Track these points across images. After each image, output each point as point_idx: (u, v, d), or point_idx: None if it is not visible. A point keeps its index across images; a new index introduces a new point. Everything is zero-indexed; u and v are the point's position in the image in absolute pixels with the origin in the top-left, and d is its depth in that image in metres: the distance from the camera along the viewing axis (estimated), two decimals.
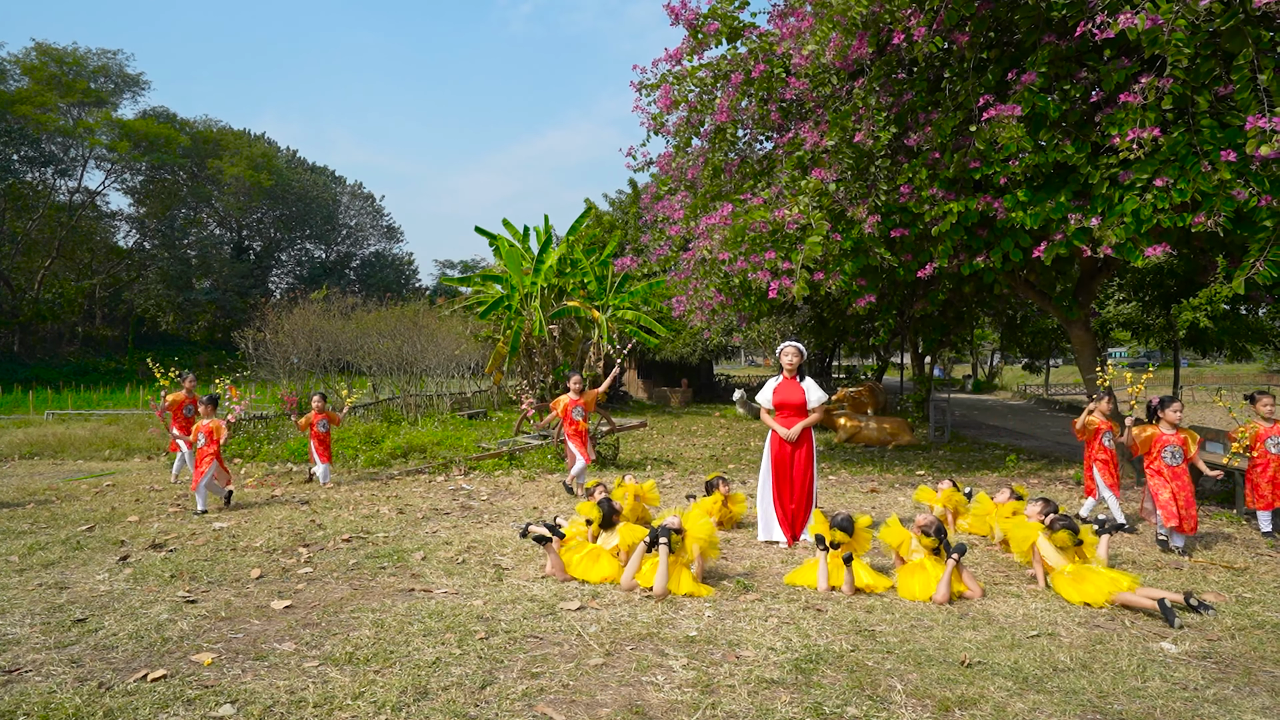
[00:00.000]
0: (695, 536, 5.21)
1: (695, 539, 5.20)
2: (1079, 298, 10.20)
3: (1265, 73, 6.18)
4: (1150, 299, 19.44)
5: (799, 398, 6.57)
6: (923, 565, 5.01)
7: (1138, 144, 6.50)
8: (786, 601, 4.79)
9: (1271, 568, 5.63)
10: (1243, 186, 6.48)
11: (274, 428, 13.03)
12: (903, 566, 5.14)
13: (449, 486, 9.39)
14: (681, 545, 5.14)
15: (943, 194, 8.52)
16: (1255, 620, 4.43)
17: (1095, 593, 4.72)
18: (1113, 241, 7.22)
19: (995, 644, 4.07)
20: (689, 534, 5.22)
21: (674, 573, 5.00)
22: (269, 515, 7.44)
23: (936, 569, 4.92)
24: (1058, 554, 5.09)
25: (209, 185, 48.65)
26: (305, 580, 5.22)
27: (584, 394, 8.92)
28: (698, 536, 5.22)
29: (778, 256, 8.96)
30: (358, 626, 4.29)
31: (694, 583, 5.02)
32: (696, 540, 5.21)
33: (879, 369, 25.22)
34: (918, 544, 5.13)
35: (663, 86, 10.41)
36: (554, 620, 4.45)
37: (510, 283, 21.16)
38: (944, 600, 4.76)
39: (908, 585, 4.93)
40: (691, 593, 4.92)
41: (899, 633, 4.24)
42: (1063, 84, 7.69)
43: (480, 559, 5.84)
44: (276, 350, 18.50)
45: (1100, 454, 6.93)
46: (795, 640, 4.11)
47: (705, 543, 5.24)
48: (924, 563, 5.02)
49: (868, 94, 8.64)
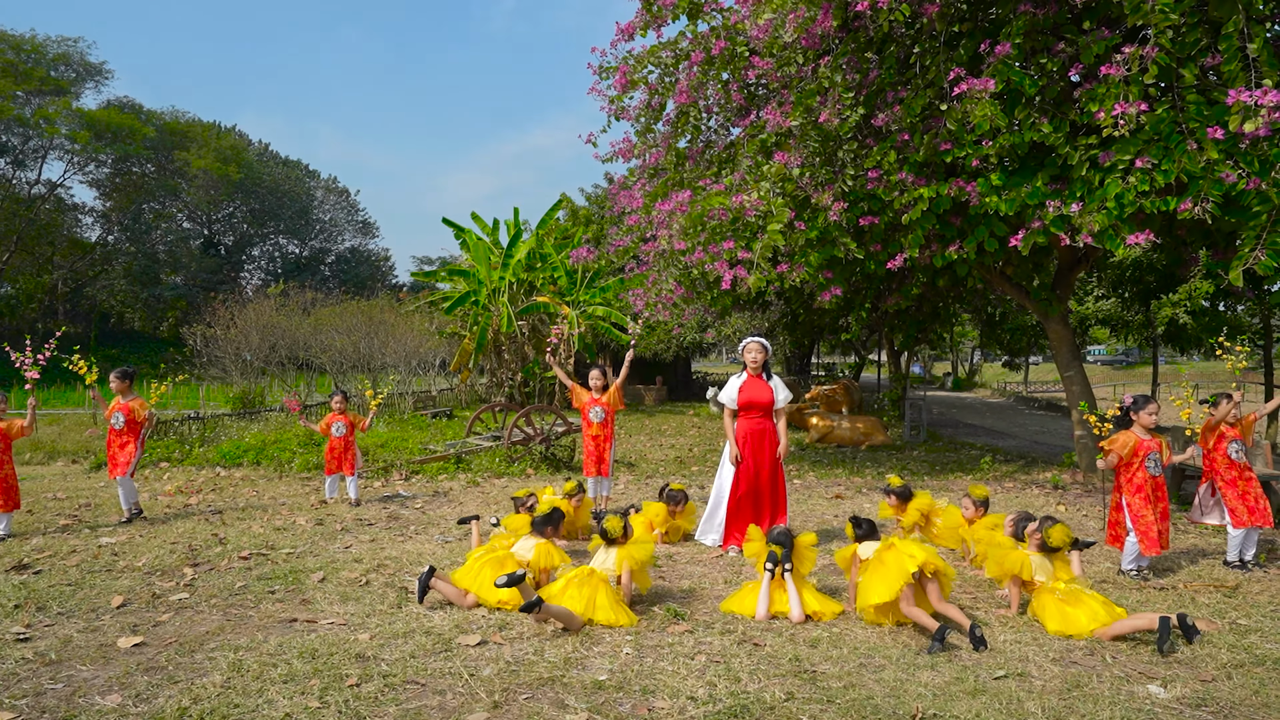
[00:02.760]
0: (628, 554, 4.60)
1: (627, 557, 4.59)
2: (1057, 291, 9.67)
3: (1255, 41, 5.63)
4: (1129, 295, 19.06)
5: (766, 397, 5.99)
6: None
7: (1122, 120, 5.94)
8: (721, 634, 4.17)
9: (1265, 585, 5.08)
10: (1231, 168, 5.94)
11: (210, 428, 12.27)
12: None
13: (384, 493, 8.72)
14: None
15: (913, 179, 7.94)
16: (1254, 655, 3.86)
17: (1083, 623, 4.12)
18: (1093, 229, 6.66)
19: (955, 689, 3.47)
20: (619, 551, 4.61)
21: (590, 595, 4.37)
22: (170, 528, 6.73)
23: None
24: (1048, 564, 4.49)
25: (176, 178, 47.37)
26: (174, 609, 4.54)
27: (606, 391, 7.34)
28: (631, 555, 4.60)
29: (737, 246, 8.35)
30: (209, 671, 3.63)
31: (614, 608, 4.36)
32: (628, 559, 4.58)
33: (857, 366, 24.73)
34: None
35: (620, 67, 9.77)
36: (446, 659, 3.80)
37: (478, 277, 20.46)
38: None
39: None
40: (611, 622, 4.29)
41: (844, 674, 3.63)
42: (1039, 58, 7.12)
43: (387, 580, 5.18)
44: (228, 347, 17.73)
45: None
46: (721, 686, 3.49)
47: (638, 565, 4.62)
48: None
49: (834, 71, 8.05)
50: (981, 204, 7.56)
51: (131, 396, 7.07)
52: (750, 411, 5.92)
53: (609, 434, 7.39)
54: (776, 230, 7.94)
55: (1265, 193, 5.88)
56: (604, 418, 7.29)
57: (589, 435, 7.38)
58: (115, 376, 7.04)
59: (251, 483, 9.22)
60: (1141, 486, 5.15)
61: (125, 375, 7.11)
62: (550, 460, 10.52)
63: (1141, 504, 5.13)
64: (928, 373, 49.51)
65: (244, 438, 11.40)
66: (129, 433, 6.95)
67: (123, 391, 7.05)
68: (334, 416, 7.99)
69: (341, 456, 7.94)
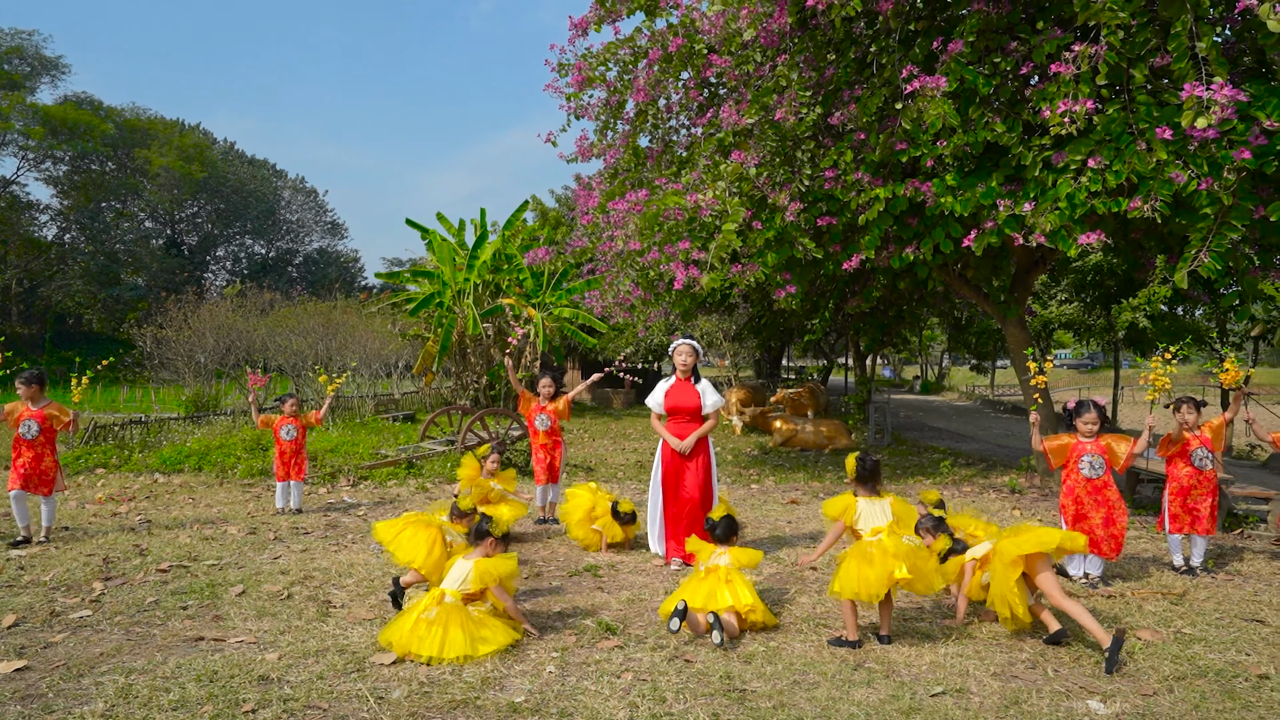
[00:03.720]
0: (484, 570, 4.07)
1: (483, 573, 4.06)
2: (1015, 294, 9.63)
3: (1204, 40, 5.56)
4: (1091, 299, 19.25)
5: (693, 401, 5.79)
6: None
7: (1070, 118, 5.86)
8: (652, 649, 3.97)
9: (1212, 593, 4.99)
10: (1180, 168, 5.87)
11: (153, 432, 11.84)
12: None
13: (329, 499, 8.42)
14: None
15: (869, 179, 7.84)
16: (1197, 666, 3.74)
17: (1041, 541, 3.96)
18: (1045, 229, 6.57)
19: (889, 707, 3.30)
20: (475, 567, 4.08)
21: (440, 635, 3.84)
22: (90, 538, 6.39)
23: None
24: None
25: (138, 177, 46.26)
26: (72, 629, 4.24)
27: (555, 400, 7.37)
28: (488, 571, 4.07)
29: (693, 246, 8.18)
30: (93, 699, 3.36)
31: (467, 640, 3.82)
32: (484, 575, 4.05)
33: (825, 370, 24.74)
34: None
35: (577, 64, 9.57)
36: (357, 680, 3.57)
37: (442, 279, 20.11)
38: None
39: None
40: (466, 655, 3.78)
41: (775, 693, 3.45)
42: (993, 56, 7.04)
43: (310, 593, 4.92)
44: (180, 348, 17.21)
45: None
46: (644, 707, 3.29)
47: (495, 582, 4.10)
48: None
49: (791, 69, 7.92)
50: (937, 205, 7.46)
51: (45, 403, 6.36)
52: (677, 416, 5.73)
53: (557, 442, 7.24)
54: (732, 230, 7.78)
55: (1215, 194, 5.82)
56: (550, 426, 7.16)
57: (537, 444, 7.30)
58: (22, 381, 6.28)
59: (190, 490, 8.87)
60: (1073, 489, 5.13)
61: (33, 379, 6.31)
62: (504, 464, 10.24)
63: (1072, 504, 5.10)
64: (897, 376, 49.90)
65: (188, 442, 11.00)
66: (45, 444, 6.26)
67: (33, 397, 6.29)
68: (284, 419, 7.63)
69: (291, 462, 7.54)
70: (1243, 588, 5.13)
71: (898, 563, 3.87)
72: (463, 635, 3.82)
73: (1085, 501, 5.05)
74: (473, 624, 3.92)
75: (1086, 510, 5.06)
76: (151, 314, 42.24)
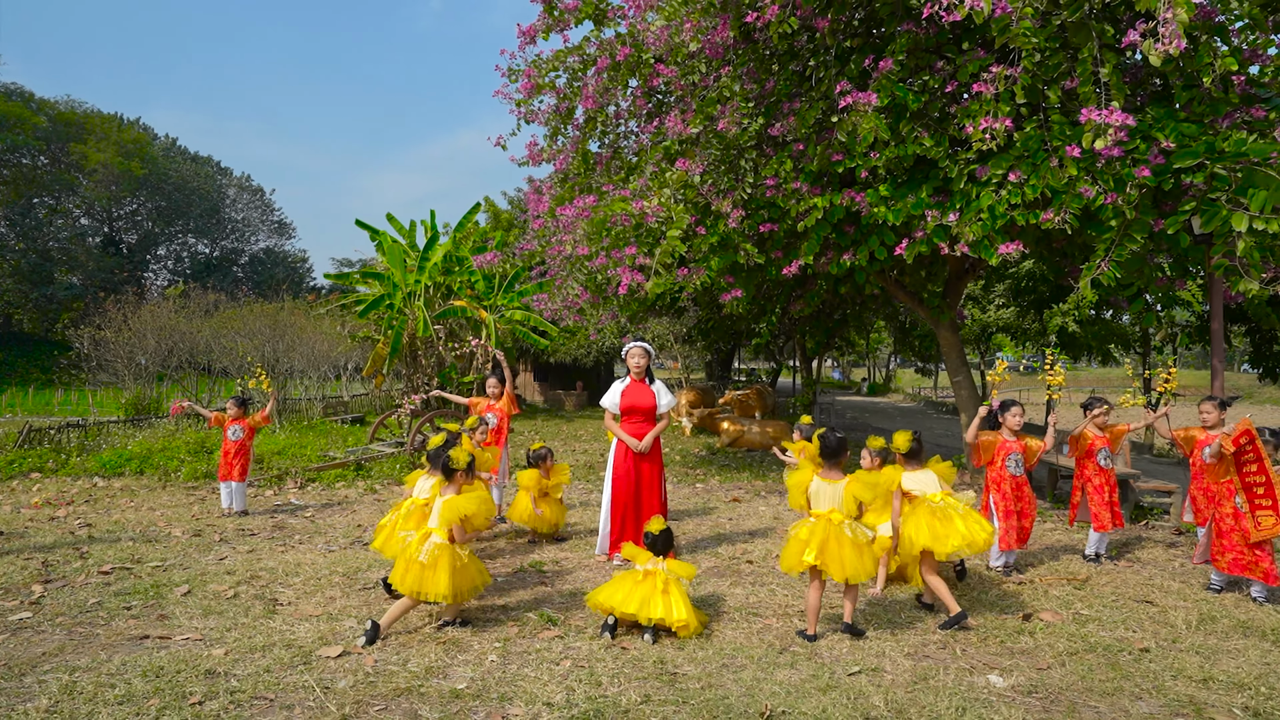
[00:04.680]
0: (451, 509, 4.26)
1: (450, 514, 4.25)
2: (947, 299, 10.08)
3: (1106, 66, 6.00)
4: (1026, 304, 20.06)
5: (648, 401, 6.01)
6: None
7: (990, 135, 6.24)
8: (591, 639, 4.17)
9: (1111, 579, 5.39)
10: (1089, 184, 6.31)
11: (91, 436, 11.60)
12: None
13: (276, 502, 8.40)
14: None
15: (808, 188, 8.16)
16: (1089, 643, 4.09)
17: (950, 542, 4.30)
18: (969, 239, 6.97)
19: (808, 685, 3.56)
20: (443, 506, 4.30)
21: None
22: (27, 543, 6.32)
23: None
24: (925, 479, 4.57)
25: (73, 172, 44.71)
26: (10, 630, 4.25)
27: (501, 399, 7.53)
28: (454, 508, 4.26)
29: (639, 251, 8.41)
30: (36, 695, 3.41)
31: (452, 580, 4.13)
32: (451, 516, 4.24)
33: (774, 372, 25.22)
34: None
35: (526, 70, 9.72)
36: (303, 672, 3.68)
37: (393, 280, 20.00)
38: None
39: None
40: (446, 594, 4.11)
41: (704, 675, 3.68)
42: (922, 74, 7.42)
43: (257, 592, 4.99)
44: (120, 350, 16.80)
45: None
46: (580, 690, 3.49)
47: (458, 518, 4.26)
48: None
49: (734, 81, 8.21)
50: (871, 214, 7.81)
51: None
52: (632, 415, 5.95)
53: (502, 438, 7.41)
54: (676, 236, 8.02)
55: (1119, 208, 6.27)
56: (496, 423, 7.32)
57: (484, 443, 7.40)
58: None
59: (132, 493, 8.75)
60: (1000, 484, 5.45)
61: None
62: None
63: (1001, 500, 5.42)
64: (846, 378, 50.98)
65: (129, 445, 10.82)
66: None
67: None
68: (231, 420, 7.65)
69: (233, 461, 7.52)
70: (1140, 573, 5.55)
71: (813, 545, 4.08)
72: (449, 579, 4.14)
73: (1011, 497, 5.40)
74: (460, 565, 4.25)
75: (1013, 506, 5.40)
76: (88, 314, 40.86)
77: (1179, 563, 5.90)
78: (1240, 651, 4.01)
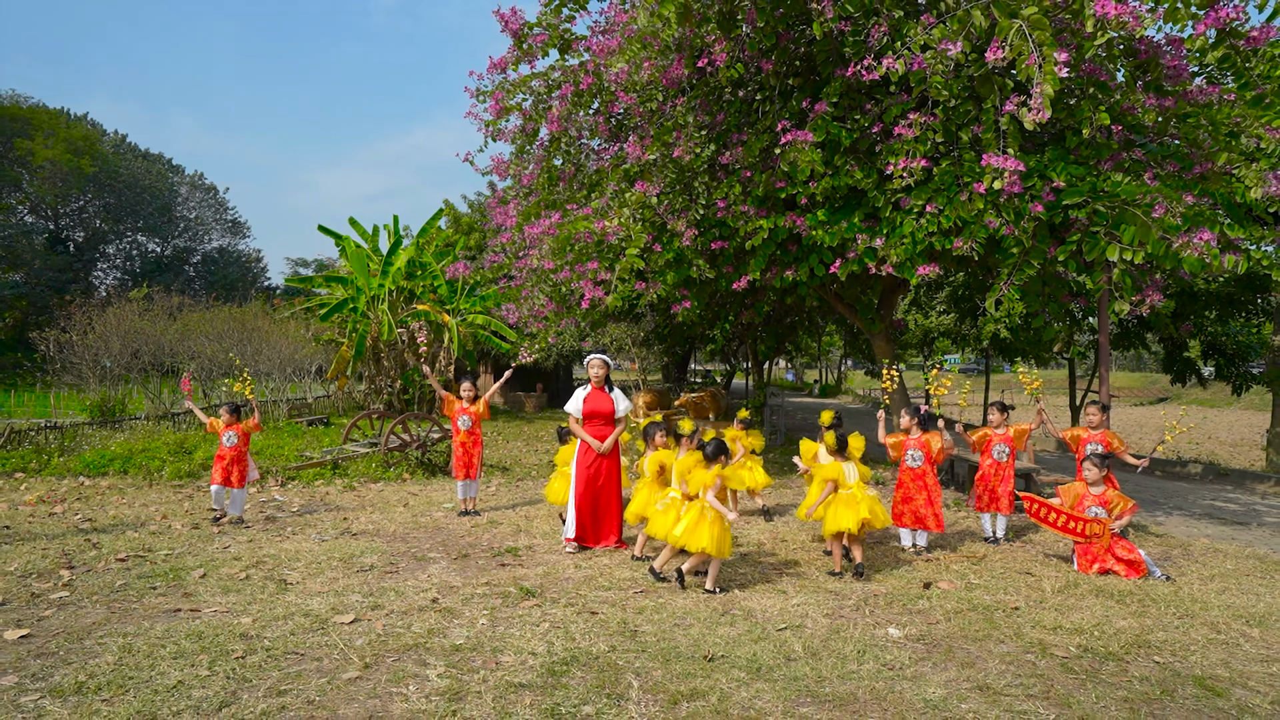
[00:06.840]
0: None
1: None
2: (881, 311, 11.08)
3: (1005, 117, 6.98)
4: (963, 311, 21.39)
5: (608, 407, 6.79)
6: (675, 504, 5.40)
7: (908, 173, 7.17)
8: (565, 607, 4.94)
9: (1005, 556, 6.37)
10: (994, 216, 7.29)
11: (69, 438, 11.95)
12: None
13: (260, 498, 8.98)
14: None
15: (755, 211, 9.04)
16: (972, 604, 5.02)
17: (858, 517, 5.48)
18: (894, 260, 7.92)
19: (744, 638, 4.39)
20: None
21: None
22: (38, 535, 6.85)
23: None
24: (836, 462, 5.74)
25: (18, 168, 43.71)
26: (56, 606, 4.87)
27: (475, 402, 8.29)
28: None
29: (600, 266, 9.20)
30: (100, 653, 4.07)
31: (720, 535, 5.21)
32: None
33: (728, 374, 26.19)
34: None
35: (495, 93, 10.42)
36: (322, 635, 4.39)
37: (356, 284, 20.42)
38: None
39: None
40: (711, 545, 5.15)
41: (660, 632, 4.49)
42: (854, 114, 8.34)
43: (266, 574, 5.65)
44: (85, 353, 16.99)
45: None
46: (557, 644, 4.27)
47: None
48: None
49: (688, 112, 9.04)
50: (810, 236, 8.73)
51: None
52: (593, 420, 6.72)
53: (477, 440, 8.11)
54: (635, 254, 8.83)
55: (1019, 237, 7.27)
56: (471, 425, 8.02)
57: (458, 442, 8.13)
58: None
59: (120, 491, 9.23)
60: (900, 476, 6.47)
61: None
62: (426, 465, 11.00)
63: (902, 490, 6.49)
64: (799, 379, 52.39)
65: (109, 446, 11.22)
66: None
67: None
68: (226, 426, 7.88)
69: (230, 467, 7.70)
70: (1029, 552, 6.55)
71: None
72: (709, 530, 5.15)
73: (909, 486, 6.40)
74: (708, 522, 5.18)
75: (911, 493, 6.40)
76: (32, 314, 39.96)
77: (1063, 543, 6.91)
78: (1088, 609, 4.98)
